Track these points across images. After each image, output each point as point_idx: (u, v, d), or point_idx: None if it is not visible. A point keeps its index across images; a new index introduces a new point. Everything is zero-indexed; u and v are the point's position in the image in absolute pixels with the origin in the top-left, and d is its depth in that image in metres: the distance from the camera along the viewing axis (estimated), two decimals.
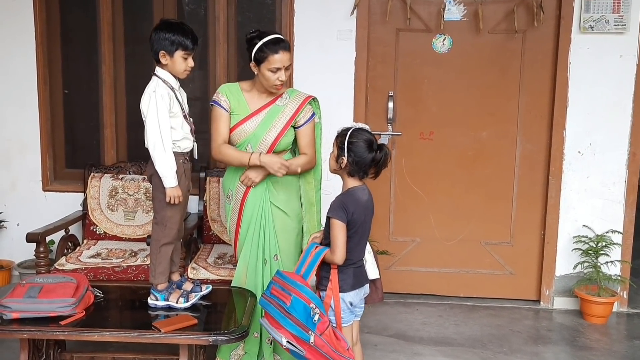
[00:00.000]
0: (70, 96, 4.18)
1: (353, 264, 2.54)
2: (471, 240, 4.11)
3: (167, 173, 2.64)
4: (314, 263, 2.49)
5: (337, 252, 2.45)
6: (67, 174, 4.21)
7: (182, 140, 2.75)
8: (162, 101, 2.64)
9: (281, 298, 2.43)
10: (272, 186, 2.94)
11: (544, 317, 3.95)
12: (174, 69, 2.71)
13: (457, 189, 4.07)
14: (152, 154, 2.64)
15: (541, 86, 3.92)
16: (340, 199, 2.51)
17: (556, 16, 3.83)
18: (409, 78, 3.99)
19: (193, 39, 2.71)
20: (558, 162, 3.93)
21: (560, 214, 3.97)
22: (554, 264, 4.03)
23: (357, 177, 2.54)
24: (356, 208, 2.49)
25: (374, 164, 2.51)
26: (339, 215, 2.46)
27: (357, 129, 2.53)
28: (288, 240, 3.00)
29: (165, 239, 2.75)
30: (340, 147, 2.51)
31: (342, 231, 2.46)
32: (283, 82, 2.87)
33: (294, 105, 2.94)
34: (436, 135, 4.03)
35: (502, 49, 3.92)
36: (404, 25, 3.90)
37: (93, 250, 3.75)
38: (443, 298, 4.16)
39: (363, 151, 2.48)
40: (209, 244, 3.91)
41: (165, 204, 2.70)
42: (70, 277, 2.82)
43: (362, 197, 2.53)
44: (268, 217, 2.94)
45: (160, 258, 2.76)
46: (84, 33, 4.15)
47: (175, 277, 2.89)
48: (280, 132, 2.90)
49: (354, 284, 2.54)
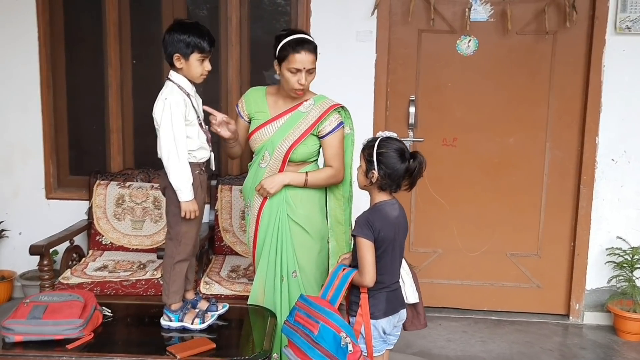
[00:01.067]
0: (74, 100, 4.02)
1: (386, 287, 2.36)
2: (496, 251, 3.94)
3: (182, 186, 2.48)
4: (341, 286, 2.32)
5: (365, 273, 2.28)
6: (71, 181, 4.05)
7: (199, 150, 2.58)
8: (177, 108, 2.48)
9: (307, 326, 2.25)
10: (290, 199, 2.77)
11: (575, 334, 3.78)
12: (190, 73, 2.54)
13: (481, 197, 3.90)
14: (166, 165, 2.48)
15: (572, 90, 3.75)
16: (366, 216, 2.33)
17: (589, 16, 3.66)
18: (432, 81, 3.83)
19: (210, 40, 2.55)
20: (590, 170, 3.76)
21: (591, 224, 3.81)
22: (584, 277, 3.86)
23: (388, 191, 2.36)
24: (384, 225, 2.30)
25: (407, 174, 2.32)
26: (364, 233, 2.28)
27: (385, 138, 2.35)
28: (308, 258, 2.82)
29: (179, 255, 2.59)
30: (369, 160, 2.32)
31: (369, 250, 2.28)
32: (303, 86, 2.70)
33: (317, 113, 2.77)
34: (460, 142, 3.86)
35: (531, 51, 3.75)
36: (427, 26, 3.73)
37: (99, 262, 3.59)
38: (466, 312, 3.99)
39: (395, 162, 2.29)
40: (221, 255, 3.75)
41: (180, 218, 2.54)
42: (77, 295, 2.66)
43: (392, 213, 2.35)
44: (285, 232, 2.77)
45: (174, 276, 2.60)
46: (89, 34, 3.99)
47: (189, 295, 2.73)
48: (297, 139, 2.72)
49: (386, 310, 2.36)
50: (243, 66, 3.83)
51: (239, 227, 3.74)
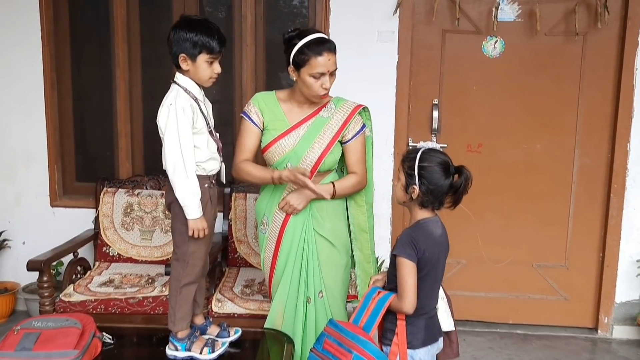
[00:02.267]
0: (80, 102, 3.48)
1: (425, 314, 1.89)
2: (522, 262, 3.41)
3: (189, 202, 1.96)
4: (377, 312, 1.83)
5: (406, 298, 1.80)
6: (77, 188, 3.51)
7: (208, 161, 2.06)
8: (183, 115, 1.96)
9: (338, 355, 1.80)
10: (317, 212, 2.27)
11: (605, 349, 3.25)
12: (197, 75, 2.03)
13: (507, 206, 3.37)
14: (172, 179, 1.96)
15: (603, 94, 3.23)
16: (409, 234, 1.85)
17: (621, 17, 3.14)
18: (456, 84, 3.30)
19: (220, 39, 2.02)
20: (620, 178, 3.24)
21: (622, 234, 3.28)
22: (614, 289, 3.34)
23: (430, 207, 1.87)
24: (428, 244, 1.84)
25: (452, 191, 1.85)
26: (408, 254, 1.81)
27: (427, 150, 1.88)
28: (334, 275, 2.32)
29: (187, 278, 2.06)
30: (409, 174, 1.85)
31: (411, 273, 1.81)
32: (327, 90, 2.18)
33: (341, 117, 2.27)
34: (485, 148, 3.33)
35: (560, 53, 3.22)
36: (452, 27, 3.20)
37: (105, 276, 3.04)
38: (490, 325, 3.46)
39: (439, 177, 1.83)
40: (235, 267, 3.21)
41: (187, 237, 2.02)
42: (74, 320, 2.15)
43: (436, 231, 1.88)
44: (312, 249, 2.27)
45: (181, 301, 2.07)
46: (96, 33, 3.45)
47: (198, 320, 2.20)
48: (326, 148, 2.23)
49: (425, 339, 1.89)
50: (258, 67, 3.29)
51: (253, 238, 3.20)
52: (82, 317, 2.20)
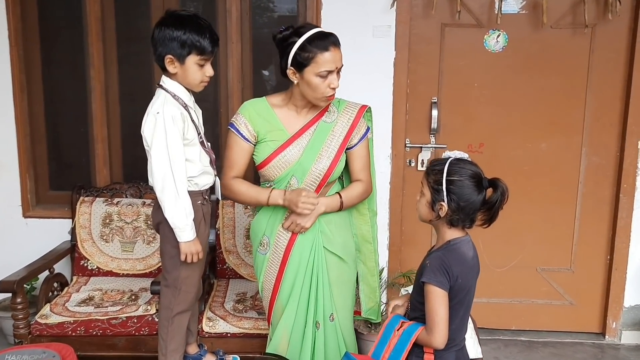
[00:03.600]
0: (53, 106, 3.25)
1: (455, 346, 1.72)
2: (526, 266, 3.28)
3: (181, 223, 1.78)
4: (402, 347, 1.66)
5: (437, 332, 1.63)
6: (51, 197, 3.29)
7: (201, 175, 1.88)
8: (172, 125, 1.77)
9: None
10: (327, 227, 2.08)
11: (614, 356, 3.14)
12: (187, 79, 1.83)
13: (510, 208, 3.14)
14: (160, 198, 1.77)
15: (613, 90, 3.08)
16: (440, 258, 1.66)
17: (632, 7, 2.99)
18: (456, 81, 3.13)
19: (212, 38, 1.84)
20: (631, 178, 3.11)
21: (631, 236, 3.16)
22: (623, 293, 3.22)
23: (460, 226, 1.69)
24: (462, 270, 1.66)
25: (485, 207, 1.68)
26: (439, 281, 1.63)
27: (456, 161, 1.69)
28: (345, 294, 2.16)
29: (179, 306, 1.90)
30: (436, 189, 1.67)
31: (443, 302, 1.63)
32: (335, 90, 2.00)
33: (347, 121, 2.09)
34: (487, 148, 3.18)
35: (567, 47, 3.06)
36: (452, 20, 3.03)
37: (84, 293, 2.86)
38: (494, 332, 3.33)
39: (470, 192, 1.66)
40: (224, 279, 3.04)
41: (178, 261, 1.84)
42: (52, 352, 2.00)
43: (468, 253, 1.71)
44: (322, 268, 2.08)
45: (173, 332, 1.90)
46: (68, 31, 3.20)
47: (191, 349, 2.05)
48: (335, 157, 2.04)
49: None
50: (245, 66, 3.09)
51: (243, 248, 3.03)
52: (61, 348, 2.04)
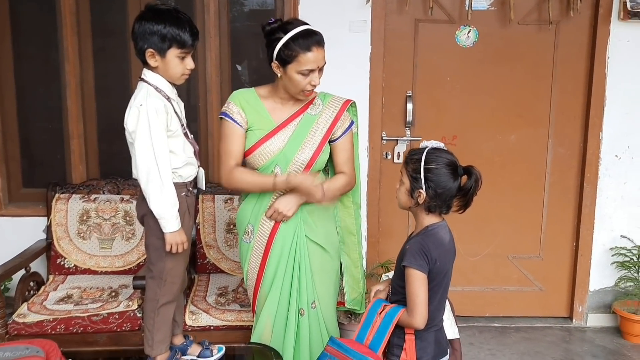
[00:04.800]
0: (25, 102, 3.17)
1: (434, 326, 1.78)
2: (497, 254, 3.40)
3: (166, 214, 1.78)
4: (385, 329, 1.71)
5: (417, 313, 1.69)
6: (25, 195, 3.22)
7: (185, 166, 1.89)
8: (156, 117, 1.77)
9: None
10: (309, 217, 2.12)
11: (581, 339, 3.28)
12: (168, 72, 1.84)
13: (482, 199, 3.23)
14: (145, 189, 1.77)
15: (576, 83, 3.23)
16: (419, 242, 1.73)
17: (593, 4, 3.14)
18: (429, 75, 3.22)
19: (192, 32, 1.85)
20: (593, 168, 3.26)
21: (595, 223, 3.31)
22: (588, 278, 3.37)
23: (437, 212, 1.76)
24: (440, 253, 1.73)
25: (461, 194, 1.75)
26: (419, 264, 1.69)
27: (433, 150, 1.77)
28: (327, 283, 2.20)
29: (165, 297, 1.90)
30: (414, 177, 1.73)
31: (423, 285, 1.70)
32: (315, 87, 2.04)
33: (331, 114, 2.14)
34: (459, 140, 3.28)
35: (533, 42, 3.19)
36: (425, 16, 3.12)
37: (62, 291, 2.81)
38: (468, 319, 3.43)
39: (447, 180, 1.73)
40: (205, 274, 3.04)
41: (164, 253, 1.84)
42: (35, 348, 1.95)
43: (445, 238, 1.77)
44: (304, 256, 2.12)
45: (159, 323, 1.90)
46: (41, 24, 3.14)
47: (177, 340, 2.04)
48: (317, 148, 2.09)
49: (435, 353, 1.78)
50: (223, 60, 3.09)
51: (223, 242, 3.03)
52: (44, 343, 1.99)
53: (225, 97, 3.10)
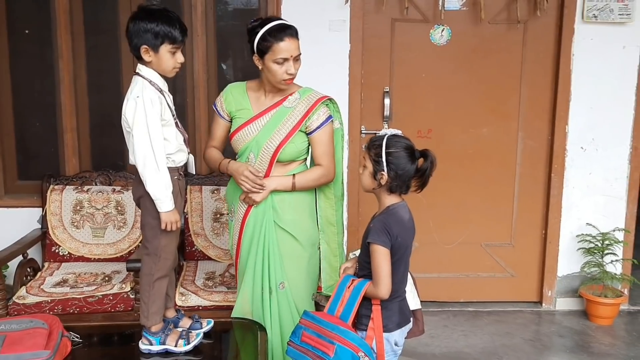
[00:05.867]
0: (21, 97, 3.41)
1: (398, 297, 2.03)
2: (471, 242, 3.68)
3: (162, 195, 2.03)
4: (353, 301, 1.95)
5: (382, 284, 1.93)
6: (20, 187, 3.45)
7: (177, 152, 2.14)
8: (152, 107, 2.02)
9: (320, 348, 1.89)
10: (278, 204, 2.36)
11: (550, 321, 3.57)
12: (161, 67, 2.09)
13: (456, 189, 3.62)
14: (142, 173, 2.02)
15: (543, 79, 3.52)
16: (382, 220, 1.97)
17: (559, 5, 3.43)
18: (406, 72, 3.49)
19: (181, 28, 2.10)
20: (560, 159, 3.55)
21: (562, 212, 3.60)
22: (556, 264, 3.67)
23: (398, 192, 2.01)
24: (401, 230, 1.97)
25: (418, 175, 1.99)
26: (382, 240, 1.93)
27: (392, 136, 2.01)
28: (298, 267, 2.42)
29: (159, 272, 2.14)
30: (376, 161, 1.97)
31: (386, 259, 1.94)
32: (293, 76, 2.30)
33: (304, 107, 2.36)
34: (435, 133, 3.56)
35: (503, 40, 3.48)
36: (401, 15, 3.39)
37: (57, 276, 3.05)
38: (443, 305, 3.71)
39: (405, 162, 1.96)
40: (193, 260, 3.29)
41: (159, 231, 2.09)
42: (39, 321, 2.17)
43: (405, 216, 2.02)
44: (272, 240, 2.36)
45: (154, 295, 2.14)
46: (36, 23, 3.38)
47: (169, 313, 2.29)
48: (285, 138, 2.32)
49: (400, 321, 2.04)
50: (210, 57, 3.35)
51: (211, 230, 3.29)
52: (47, 318, 2.23)
53: (211, 92, 3.40)
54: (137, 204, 2.16)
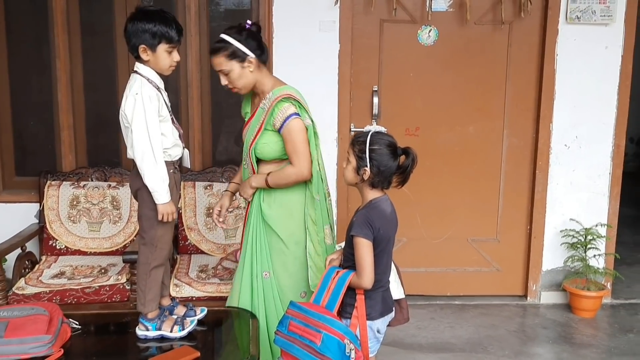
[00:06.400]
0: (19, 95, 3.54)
1: (381, 287, 2.16)
2: (458, 237, 3.83)
3: (159, 187, 2.17)
4: (338, 290, 2.07)
5: (365, 275, 2.05)
6: (18, 183, 3.59)
7: (173, 147, 2.28)
8: (150, 104, 2.15)
9: (307, 337, 2.00)
10: (264, 200, 2.50)
11: (534, 314, 3.73)
12: (158, 65, 2.22)
13: (443, 186, 3.77)
14: (141, 166, 2.15)
15: (528, 79, 3.67)
16: (364, 214, 2.10)
17: (543, 6, 3.58)
18: (394, 72, 3.64)
19: (178, 29, 2.24)
20: (545, 156, 3.70)
21: (546, 208, 3.75)
22: (541, 258, 3.82)
23: (379, 187, 2.14)
24: (382, 223, 2.09)
25: (399, 171, 2.12)
26: (364, 233, 2.05)
27: (375, 133, 2.13)
28: (282, 263, 2.53)
29: (156, 261, 2.28)
30: (360, 157, 2.09)
31: (369, 251, 2.06)
32: (226, 87, 2.45)
33: (266, 106, 2.43)
34: (422, 131, 3.71)
35: (489, 41, 3.63)
36: (389, 16, 3.54)
37: (55, 269, 3.18)
38: (430, 298, 3.87)
39: (388, 159, 2.08)
40: (186, 254, 3.42)
41: (155, 222, 2.23)
42: (40, 308, 2.30)
43: (387, 209, 2.14)
44: (259, 231, 2.52)
45: (150, 283, 2.28)
46: (34, 24, 3.52)
47: (165, 301, 2.42)
48: (254, 137, 2.46)
49: (382, 310, 2.17)
50: (203, 57, 3.49)
51: (203, 225, 3.42)
52: (47, 305, 2.35)
53: (204, 91, 3.54)
54: (135, 196, 2.29)
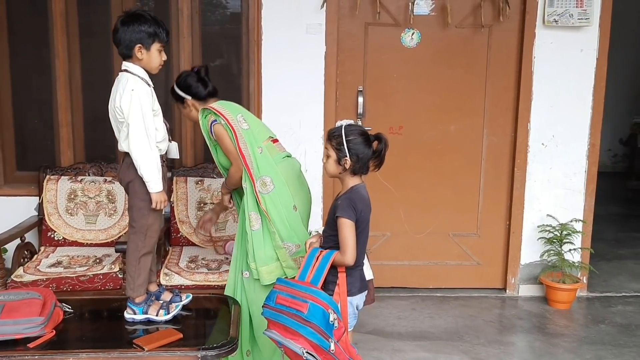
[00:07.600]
0: (20, 93, 3.71)
1: (359, 266, 2.36)
2: (440, 232, 3.98)
3: (154, 177, 2.33)
4: (323, 268, 2.25)
5: (348, 253, 2.24)
6: (18, 177, 3.75)
7: (163, 141, 2.44)
8: (145, 99, 2.31)
9: (294, 307, 2.16)
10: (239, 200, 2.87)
11: (512, 305, 3.87)
12: (150, 63, 2.38)
13: (426, 182, 3.92)
14: (137, 158, 2.30)
15: (507, 80, 3.81)
16: (348, 198, 2.29)
17: (521, 11, 3.71)
18: (378, 73, 3.79)
19: (166, 30, 2.41)
20: (523, 154, 3.84)
21: (525, 204, 3.89)
22: (519, 253, 3.96)
23: (359, 174, 2.33)
24: (363, 206, 2.29)
25: (375, 156, 2.31)
26: (348, 214, 2.24)
27: (348, 125, 2.33)
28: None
29: (145, 248, 2.44)
30: (339, 149, 2.29)
31: (352, 231, 2.25)
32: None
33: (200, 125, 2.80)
34: (405, 130, 3.86)
35: (469, 44, 3.77)
36: (373, 20, 3.68)
37: (52, 259, 3.35)
38: (413, 290, 4.01)
39: (363, 146, 2.29)
40: (178, 246, 3.58)
41: (146, 211, 2.38)
42: (34, 293, 2.47)
43: (365, 195, 2.35)
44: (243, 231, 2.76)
45: (139, 269, 2.44)
46: (34, 25, 3.68)
47: (152, 287, 2.58)
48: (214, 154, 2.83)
49: (360, 287, 2.37)
50: (195, 59, 3.64)
51: (195, 218, 3.58)
52: (42, 290, 2.52)
53: None
54: (126, 188, 2.44)
